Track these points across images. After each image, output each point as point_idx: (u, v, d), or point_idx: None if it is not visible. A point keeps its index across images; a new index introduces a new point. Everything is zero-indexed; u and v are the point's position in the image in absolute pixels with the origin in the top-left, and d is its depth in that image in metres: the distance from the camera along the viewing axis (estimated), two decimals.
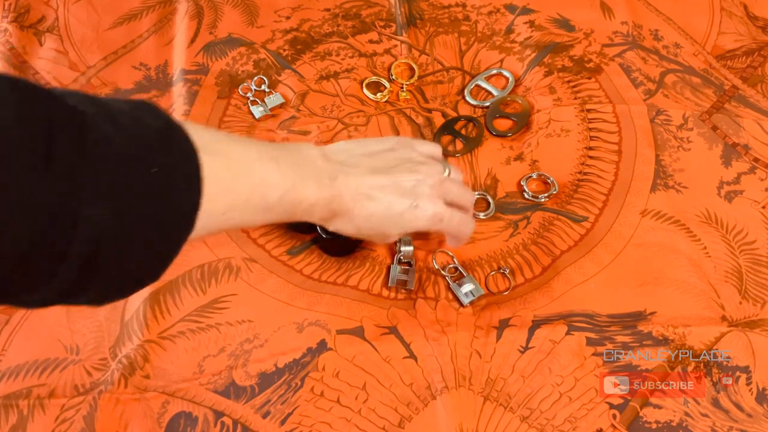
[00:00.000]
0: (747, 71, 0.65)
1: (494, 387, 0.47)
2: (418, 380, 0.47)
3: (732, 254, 0.53)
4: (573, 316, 0.50)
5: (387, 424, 0.45)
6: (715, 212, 0.55)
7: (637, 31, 0.68)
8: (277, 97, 0.63)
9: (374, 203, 0.42)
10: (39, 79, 0.65)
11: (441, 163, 0.48)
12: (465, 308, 0.50)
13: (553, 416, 0.45)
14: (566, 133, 0.60)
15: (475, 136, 0.61)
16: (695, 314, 0.50)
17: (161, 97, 0.64)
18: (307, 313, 0.50)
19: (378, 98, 0.63)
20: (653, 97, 0.62)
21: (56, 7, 0.71)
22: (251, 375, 0.48)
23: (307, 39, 0.68)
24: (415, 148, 0.47)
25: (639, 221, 0.54)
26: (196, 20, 0.70)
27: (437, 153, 0.49)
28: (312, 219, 0.41)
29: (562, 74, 0.65)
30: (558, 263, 0.53)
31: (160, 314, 0.50)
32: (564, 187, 0.57)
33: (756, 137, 0.60)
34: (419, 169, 0.45)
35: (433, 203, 0.44)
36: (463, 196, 0.48)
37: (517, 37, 0.68)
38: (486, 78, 0.65)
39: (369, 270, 0.53)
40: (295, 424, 0.46)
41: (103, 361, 0.49)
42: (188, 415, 0.46)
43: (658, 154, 0.59)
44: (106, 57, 0.67)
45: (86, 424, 0.46)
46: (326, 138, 0.61)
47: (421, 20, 0.70)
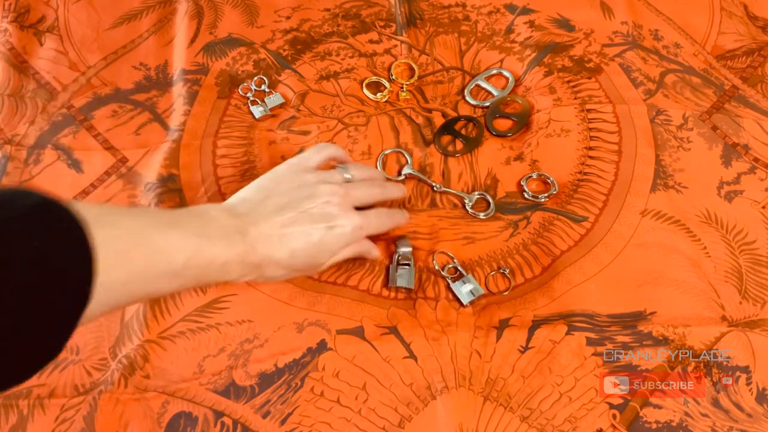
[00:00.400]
0: (747, 71, 0.65)
1: (494, 387, 0.47)
2: (418, 380, 0.47)
3: (732, 254, 0.53)
4: (573, 316, 0.50)
5: (387, 424, 0.45)
6: (715, 212, 0.55)
7: (637, 31, 0.68)
8: (277, 97, 0.63)
9: (292, 240, 0.42)
10: (39, 79, 0.65)
11: (337, 170, 0.48)
12: (465, 308, 0.50)
13: (553, 416, 0.45)
14: (566, 133, 0.60)
15: (475, 136, 0.61)
16: (695, 314, 0.50)
17: (161, 97, 0.64)
18: (307, 313, 0.50)
19: (378, 98, 0.63)
20: (653, 97, 0.62)
21: (56, 7, 0.71)
22: (251, 375, 0.48)
23: (307, 39, 0.68)
24: (305, 164, 0.47)
25: (639, 221, 0.54)
26: (196, 20, 0.70)
27: (327, 152, 0.49)
28: (231, 278, 0.40)
29: (562, 74, 0.65)
30: (558, 263, 0.53)
31: (160, 314, 0.50)
32: (564, 187, 0.57)
33: (756, 137, 0.60)
34: (318, 191, 0.44)
35: (348, 218, 0.44)
36: (370, 195, 0.48)
37: (517, 37, 0.68)
38: (486, 78, 0.65)
39: (369, 270, 0.53)
40: (295, 424, 0.46)
41: (103, 361, 0.49)
42: (188, 415, 0.46)
43: (658, 154, 0.59)
44: (106, 57, 0.67)
45: (86, 424, 0.46)
46: (326, 138, 0.61)
47: (421, 20, 0.70)
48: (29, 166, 0.59)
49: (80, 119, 0.62)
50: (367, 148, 0.60)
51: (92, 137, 0.61)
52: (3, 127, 0.62)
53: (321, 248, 0.44)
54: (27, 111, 0.63)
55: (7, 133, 0.61)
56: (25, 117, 0.62)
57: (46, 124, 0.62)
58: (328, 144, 0.52)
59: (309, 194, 0.44)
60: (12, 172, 0.58)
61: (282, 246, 0.42)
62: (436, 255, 0.53)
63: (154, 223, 0.36)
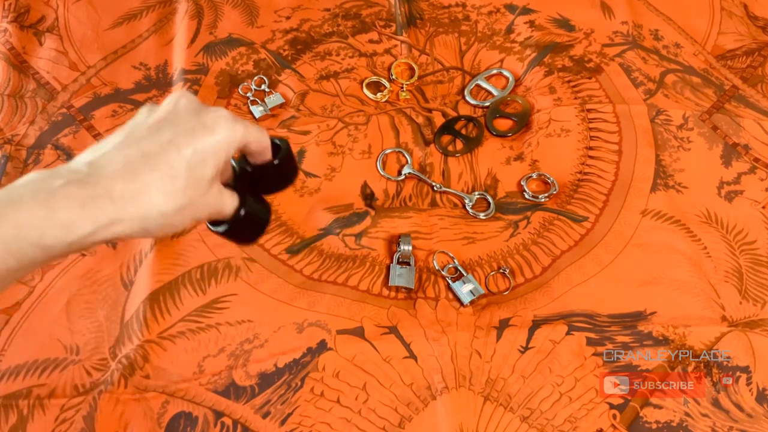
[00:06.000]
0: (747, 71, 0.65)
1: (494, 387, 0.47)
2: (418, 380, 0.47)
3: (732, 254, 0.53)
4: (573, 316, 0.50)
5: (387, 425, 0.45)
6: (715, 212, 0.55)
7: (637, 31, 0.68)
8: (277, 97, 0.63)
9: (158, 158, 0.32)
10: (39, 79, 0.65)
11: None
12: (465, 308, 0.50)
13: (553, 416, 0.45)
14: (566, 133, 0.60)
15: (475, 136, 0.61)
16: (695, 314, 0.50)
17: (161, 96, 0.64)
18: (307, 313, 0.50)
19: (378, 98, 0.63)
20: (653, 97, 0.62)
21: (56, 7, 0.71)
22: (251, 375, 0.47)
23: (307, 39, 0.68)
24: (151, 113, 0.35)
25: (639, 221, 0.54)
26: (196, 20, 0.70)
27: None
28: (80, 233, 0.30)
29: (562, 74, 0.65)
30: (558, 263, 0.53)
31: (160, 314, 0.50)
32: (564, 187, 0.57)
33: (756, 137, 0.60)
34: (157, 107, 0.34)
35: (213, 111, 0.34)
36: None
37: (517, 37, 0.68)
38: (486, 78, 0.65)
39: (369, 270, 0.53)
40: (295, 424, 0.45)
41: (103, 361, 0.49)
42: (188, 415, 0.46)
43: (658, 154, 0.58)
44: (106, 57, 0.67)
45: (86, 424, 0.46)
46: (326, 137, 0.60)
47: (421, 20, 0.70)
48: (29, 166, 0.59)
49: (80, 119, 0.62)
50: (368, 147, 0.60)
51: (92, 137, 0.61)
52: (3, 127, 0.62)
53: (203, 155, 0.33)
54: (27, 111, 0.63)
55: (6, 133, 0.61)
56: (25, 117, 0.62)
57: (46, 124, 0.62)
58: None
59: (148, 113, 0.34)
60: (11, 172, 0.58)
61: (151, 166, 0.31)
62: (436, 255, 0.53)
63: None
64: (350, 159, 0.59)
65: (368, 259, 0.53)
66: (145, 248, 0.54)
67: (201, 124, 0.33)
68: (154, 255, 0.53)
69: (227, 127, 0.34)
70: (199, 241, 0.54)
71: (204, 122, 0.33)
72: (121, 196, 0.30)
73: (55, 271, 0.53)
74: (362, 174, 0.58)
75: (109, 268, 0.53)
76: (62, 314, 0.51)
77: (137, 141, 0.32)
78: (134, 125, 0.33)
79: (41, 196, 0.29)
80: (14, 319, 0.51)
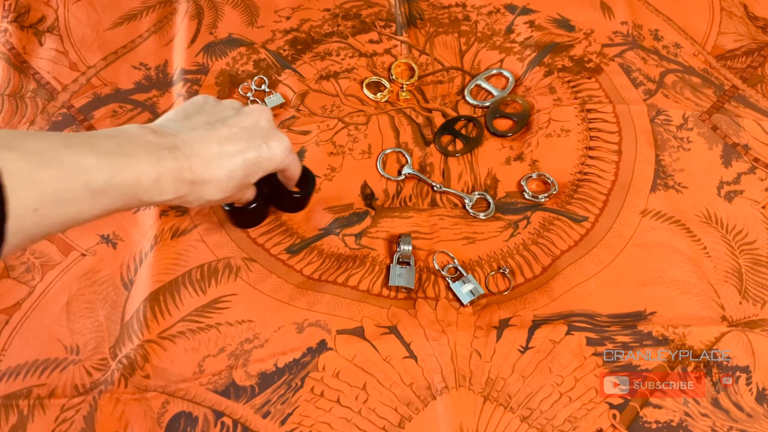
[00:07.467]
0: (747, 71, 0.65)
1: (494, 387, 0.47)
2: (418, 380, 0.47)
3: (732, 254, 0.53)
4: (573, 316, 0.50)
5: (387, 424, 0.45)
6: (715, 212, 0.55)
7: (637, 31, 0.68)
8: (277, 97, 0.63)
9: (229, 159, 0.40)
10: (39, 79, 0.65)
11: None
12: (465, 308, 0.50)
13: (553, 416, 0.45)
14: (566, 133, 0.60)
15: (475, 136, 0.61)
16: (695, 314, 0.50)
17: (161, 96, 0.64)
18: (307, 313, 0.50)
19: (378, 98, 0.63)
20: (653, 97, 0.63)
21: (56, 7, 0.71)
22: (251, 375, 0.48)
23: (307, 39, 0.68)
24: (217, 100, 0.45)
25: (639, 221, 0.54)
26: (196, 20, 0.70)
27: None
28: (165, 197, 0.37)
29: (562, 74, 0.65)
30: (558, 263, 0.53)
31: (160, 314, 0.50)
32: (564, 187, 0.57)
33: (756, 137, 0.60)
34: (246, 108, 0.43)
35: (280, 138, 0.43)
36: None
37: (517, 37, 0.68)
38: (486, 78, 0.65)
39: (369, 270, 0.53)
40: (295, 424, 0.46)
41: (103, 361, 0.49)
42: (188, 415, 0.46)
43: (658, 154, 0.59)
44: (106, 57, 0.67)
45: (86, 424, 0.46)
46: (326, 137, 0.61)
47: (421, 20, 0.70)
48: None
49: (80, 119, 0.62)
50: (368, 147, 0.60)
51: None
52: (3, 127, 0.62)
53: (255, 169, 0.42)
54: (27, 111, 0.63)
55: None
56: (25, 117, 0.62)
57: (46, 124, 0.62)
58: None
59: (237, 111, 0.42)
60: None
61: (221, 165, 0.39)
62: (436, 255, 0.53)
63: (65, 143, 0.32)
64: (350, 159, 0.59)
65: (368, 259, 0.53)
66: (145, 248, 0.54)
67: (267, 146, 0.42)
68: (155, 255, 0.53)
69: (284, 156, 0.43)
70: (199, 241, 0.54)
71: (271, 146, 0.42)
72: (199, 181, 0.38)
73: (56, 271, 0.53)
74: (362, 174, 0.58)
75: (109, 268, 0.53)
76: (62, 314, 0.51)
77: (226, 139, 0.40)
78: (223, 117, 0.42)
79: (153, 159, 0.36)
80: (14, 319, 0.51)
